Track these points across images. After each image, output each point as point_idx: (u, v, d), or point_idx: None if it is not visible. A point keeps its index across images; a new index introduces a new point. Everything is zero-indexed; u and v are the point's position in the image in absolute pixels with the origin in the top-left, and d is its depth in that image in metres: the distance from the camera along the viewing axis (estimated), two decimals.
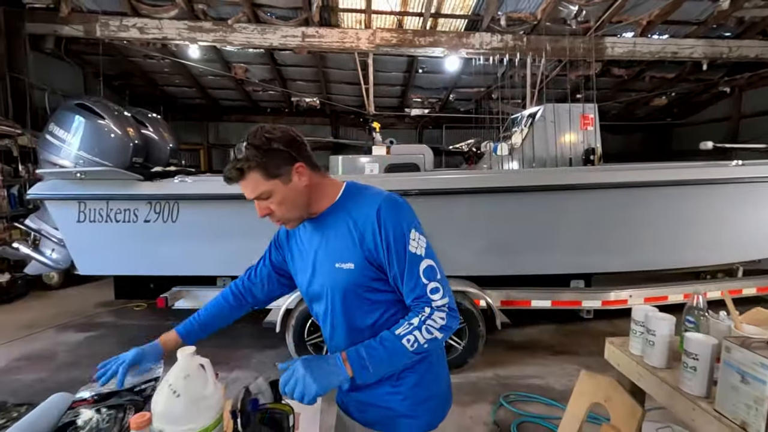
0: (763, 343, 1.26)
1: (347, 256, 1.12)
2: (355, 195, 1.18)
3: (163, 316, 4.77)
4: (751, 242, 3.99)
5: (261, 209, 1.13)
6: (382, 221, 1.09)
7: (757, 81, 8.76)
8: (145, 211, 3.38)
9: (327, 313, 1.20)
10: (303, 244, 1.25)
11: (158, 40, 6.90)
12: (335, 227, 1.15)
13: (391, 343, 1.06)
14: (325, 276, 1.16)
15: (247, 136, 1.10)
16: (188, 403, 0.96)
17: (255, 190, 1.09)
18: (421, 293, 1.09)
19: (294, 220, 1.17)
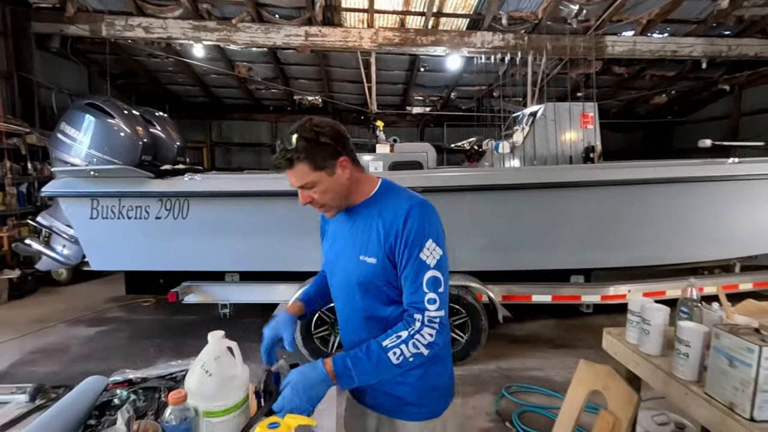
0: (750, 329, 1.35)
1: (371, 251, 1.18)
2: (389, 194, 1.24)
3: (171, 312, 4.88)
4: (748, 238, 4.08)
5: (304, 197, 1.19)
6: (407, 224, 1.14)
7: (756, 79, 8.82)
8: (156, 208, 3.47)
9: (346, 299, 1.27)
10: (335, 230, 1.32)
11: (163, 39, 6.98)
12: (365, 222, 1.21)
13: (376, 356, 1.10)
14: (350, 265, 1.23)
15: (297, 127, 1.14)
16: (219, 382, 1.05)
17: (301, 179, 1.15)
18: (418, 300, 1.13)
19: (333, 208, 1.23)
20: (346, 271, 1.25)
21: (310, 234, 3.57)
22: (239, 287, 3.90)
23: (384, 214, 1.18)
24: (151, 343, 4.09)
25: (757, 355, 1.22)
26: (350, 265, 1.23)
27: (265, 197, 3.55)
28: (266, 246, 3.65)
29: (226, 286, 3.91)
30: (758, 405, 1.22)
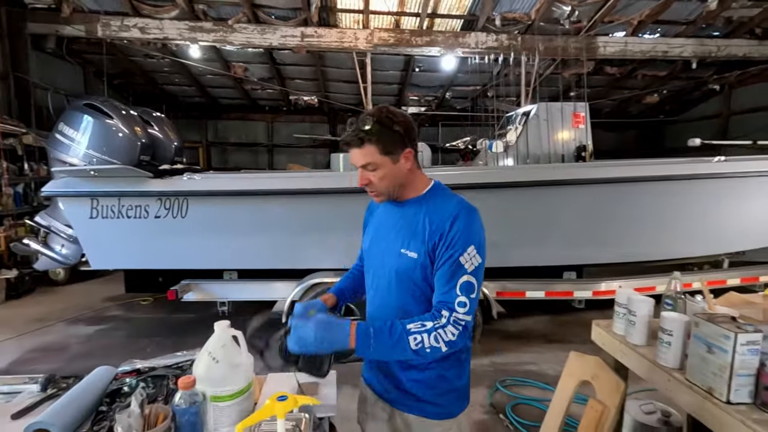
0: (727, 318, 1.43)
1: (414, 245, 1.22)
2: (439, 196, 1.28)
3: (170, 310, 4.92)
4: (735, 235, 4.18)
5: (363, 178, 1.24)
6: (454, 226, 1.18)
7: (745, 79, 8.97)
8: (156, 207, 3.52)
9: (381, 288, 1.32)
10: (379, 220, 1.38)
11: (159, 40, 7.00)
12: (412, 218, 1.25)
13: (398, 335, 1.12)
14: (389, 256, 1.27)
15: (375, 111, 1.20)
16: (226, 368, 1.11)
17: (366, 159, 1.20)
18: (449, 300, 1.15)
19: (386, 195, 1.27)
20: (384, 261, 1.30)
21: (307, 232, 3.67)
22: (237, 285, 3.95)
23: (432, 214, 1.23)
24: (150, 341, 4.13)
25: (733, 342, 1.29)
26: (390, 256, 1.27)
27: (263, 196, 3.61)
28: (264, 244, 3.70)
29: (225, 284, 3.97)
30: (734, 389, 1.30)
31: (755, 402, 1.29)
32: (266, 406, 0.85)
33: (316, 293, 3.66)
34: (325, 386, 1.34)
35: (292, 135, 12.08)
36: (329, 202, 3.63)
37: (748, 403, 1.29)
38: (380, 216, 1.38)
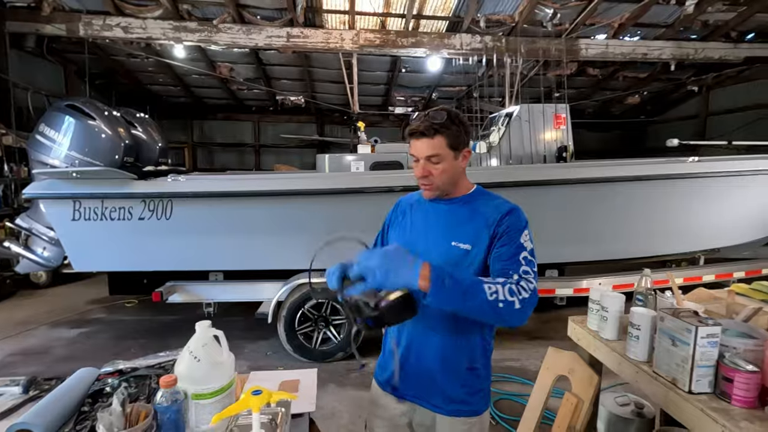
0: (689, 312, 1.51)
1: (466, 238, 1.29)
2: (486, 196, 1.39)
3: (155, 312, 4.89)
4: (710, 233, 4.32)
5: (424, 169, 1.28)
6: (510, 217, 1.28)
7: (722, 81, 9.22)
8: (140, 209, 3.51)
9: None
10: (419, 217, 1.41)
11: (143, 39, 6.93)
12: (463, 215, 1.33)
13: (474, 282, 1.13)
14: (436, 248, 1.31)
15: (444, 107, 1.30)
16: (207, 367, 1.14)
17: (433, 150, 1.25)
18: (514, 267, 1.21)
19: (440, 190, 1.32)
20: (428, 253, 1.27)
21: (293, 233, 3.69)
22: (223, 286, 3.96)
23: (484, 211, 1.31)
24: (135, 343, 4.11)
25: (694, 335, 1.36)
26: (437, 249, 1.31)
27: (248, 197, 3.62)
28: (250, 245, 3.71)
29: (210, 285, 3.97)
30: (695, 379, 1.37)
31: (715, 392, 1.36)
32: (241, 400, 0.88)
33: (303, 294, 3.69)
34: (306, 383, 1.38)
35: (279, 135, 12.04)
36: (315, 203, 3.66)
37: (708, 393, 1.36)
38: (421, 214, 1.42)
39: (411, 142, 1.30)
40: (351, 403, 3.03)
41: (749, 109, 8.95)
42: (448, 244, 1.30)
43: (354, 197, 3.62)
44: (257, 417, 0.83)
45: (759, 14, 6.97)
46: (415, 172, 1.32)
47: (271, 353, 3.93)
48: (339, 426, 2.85)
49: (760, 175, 4.09)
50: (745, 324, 1.58)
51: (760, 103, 8.73)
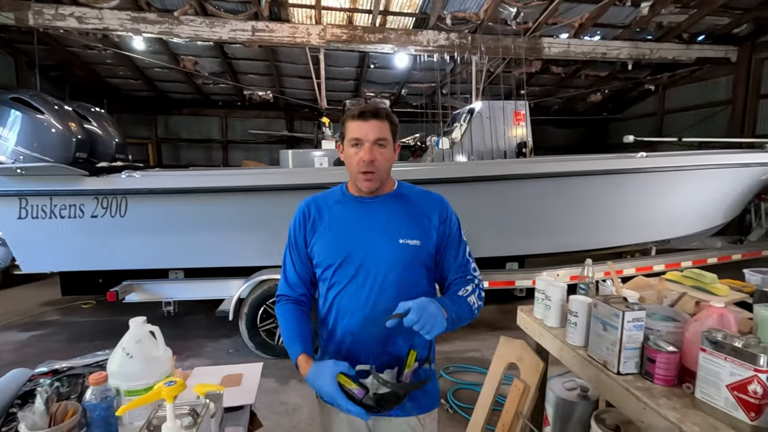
0: (619, 299, 1.60)
1: (413, 234, 1.28)
2: (411, 188, 1.40)
3: (113, 312, 4.74)
4: (660, 224, 4.54)
5: (371, 153, 1.23)
6: (448, 211, 1.36)
7: (676, 80, 9.67)
8: (92, 207, 3.39)
9: (376, 283, 1.27)
10: (347, 218, 1.32)
11: (99, 30, 6.64)
12: (399, 210, 1.32)
13: (461, 302, 1.25)
14: (388, 250, 1.27)
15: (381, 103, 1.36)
16: (140, 363, 1.14)
17: (381, 133, 1.24)
18: (467, 265, 1.36)
19: (378, 180, 1.27)
20: (376, 256, 1.27)
21: (254, 229, 3.65)
22: (183, 284, 3.88)
23: (420, 203, 1.35)
24: (91, 345, 3.94)
25: (621, 319, 1.45)
26: (387, 249, 1.27)
27: (208, 194, 3.56)
28: (210, 242, 3.66)
29: (170, 284, 3.88)
30: (623, 361, 1.45)
31: (640, 372, 1.45)
32: (153, 391, 0.88)
33: (264, 290, 3.66)
34: (249, 377, 1.38)
35: (248, 131, 11.83)
36: (277, 199, 3.63)
37: (634, 374, 1.45)
38: (349, 214, 1.33)
39: (355, 125, 1.24)
40: (312, 398, 3.04)
41: (701, 108, 9.43)
42: (395, 243, 1.27)
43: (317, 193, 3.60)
44: (171, 407, 0.84)
45: (708, 17, 7.34)
46: (361, 156, 1.23)
47: (234, 351, 3.89)
48: (300, 420, 2.87)
49: (703, 170, 4.33)
50: (670, 308, 1.69)
51: (711, 101, 9.20)
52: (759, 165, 4.61)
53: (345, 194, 1.37)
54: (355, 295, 1.28)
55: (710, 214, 4.79)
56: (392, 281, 1.27)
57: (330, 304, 1.32)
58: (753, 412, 1.08)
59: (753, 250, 5.22)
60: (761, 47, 7.86)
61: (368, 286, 1.28)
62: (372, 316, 1.26)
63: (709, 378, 1.18)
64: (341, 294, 1.30)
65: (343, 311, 1.30)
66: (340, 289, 1.30)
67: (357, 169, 1.25)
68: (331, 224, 1.33)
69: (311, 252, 1.35)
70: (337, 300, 1.31)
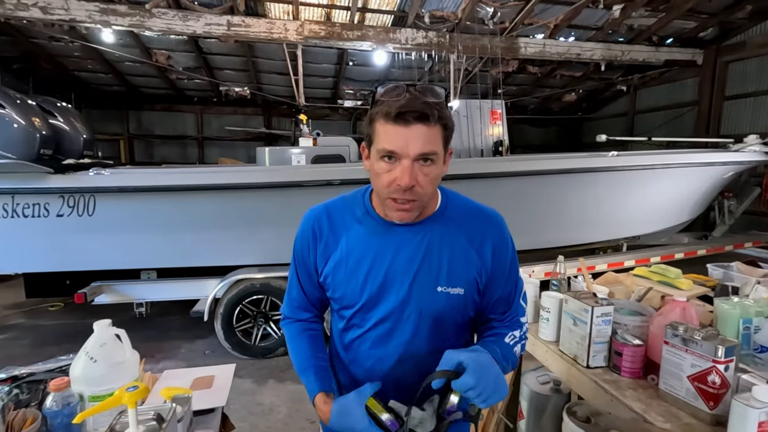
0: (589, 294, 1.63)
1: (456, 279, 0.98)
2: (459, 204, 1.05)
3: (82, 315, 4.58)
4: (630, 221, 4.69)
5: (411, 175, 0.86)
6: (504, 237, 1.02)
7: (647, 81, 9.98)
8: (58, 206, 3.27)
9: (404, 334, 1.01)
10: (366, 248, 1.00)
11: (65, 22, 6.37)
12: (441, 239, 0.99)
13: (510, 352, 1.01)
14: (420, 297, 0.98)
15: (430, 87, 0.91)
16: (105, 367, 1.10)
17: (430, 145, 0.86)
18: (519, 311, 1.08)
19: (419, 209, 0.94)
20: (406, 304, 0.99)
21: (230, 228, 3.59)
22: (156, 285, 3.79)
23: (472, 229, 1.01)
24: (59, 349, 3.79)
25: (590, 314, 1.48)
26: (421, 297, 0.98)
27: (182, 192, 3.47)
28: (183, 241, 3.58)
29: (143, 285, 3.78)
30: (592, 355, 1.49)
31: (608, 365, 1.49)
32: (113, 396, 0.86)
33: (241, 290, 3.60)
34: (221, 379, 1.36)
35: (224, 127, 11.59)
36: (253, 197, 3.57)
37: (603, 367, 1.49)
38: (367, 243, 1.01)
39: (390, 130, 0.86)
40: (289, 397, 3.02)
41: (669, 108, 9.76)
42: (433, 290, 0.98)
43: (294, 191, 3.58)
44: (133, 413, 0.81)
45: (676, 21, 7.59)
46: (396, 178, 0.87)
47: (210, 352, 3.81)
48: (277, 420, 2.84)
49: (672, 169, 4.49)
50: (637, 303, 1.74)
51: (678, 102, 9.54)
52: (723, 164, 4.81)
53: (369, 213, 1.02)
54: (378, 344, 1.04)
55: (678, 210, 4.97)
56: (426, 334, 1.02)
57: (346, 344, 1.09)
58: (712, 402, 1.12)
59: (717, 245, 5.45)
60: (726, 51, 8.18)
61: (396, 339, 1.02)
62: (399, 366, 1.04)
63: (672, 370, 1.22)
64: (361, 339, 1.05)
65: (364, 356, 1.06)
66: (360, 334, 1.05)
67: (387, 193, 0.91)
68: (349, 253, 1.01)
69: (324, 283, 1.06)
70: (356, 344, 1.07)
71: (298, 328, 1.12)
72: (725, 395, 1.10)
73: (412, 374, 1.03)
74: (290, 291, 1.14)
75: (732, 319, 1.41)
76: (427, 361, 1.00)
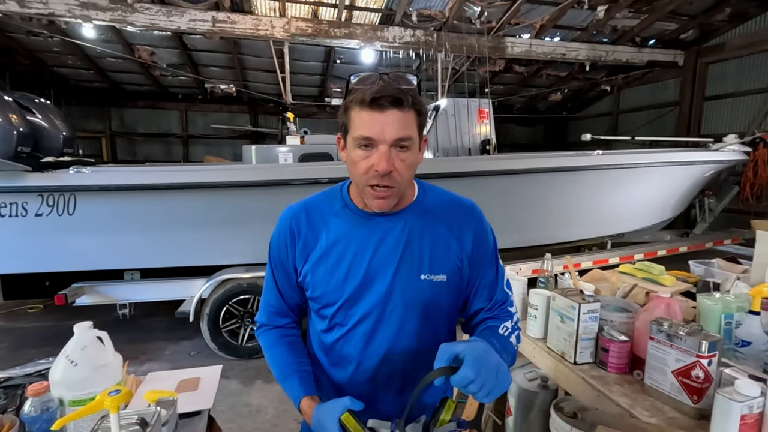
0: (576, 292, 1.65)
1: (439, 267, 0.97)
2: (436, 194, 1.05)
3: (63, 316, 4.47)
4: (614, 219, 4.77)
5: (389, 161, 0.87)
6: (483, 226, 1.03)
7: (630, 81, 10.16)
8: (36, 205, 3.17)
9: (389, 328, 0.99)
10: (347, 241, 0.99)
11: (43, 16, 6.20)
12: (421, 229, 0.99)
13: (507, 342, 0.97)
14: (405, 287, 0.97)
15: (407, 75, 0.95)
16: (86, 371, 1.07)
17: (405, 130, 0.87)
18: (505, 299, 1.07)
19: (397, 196, 0.95)
20: (392, 294, 0.98)
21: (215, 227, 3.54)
22: (139, 285, 3.71)
23: (451, 218, 1.01)
24: (38, 352, 3.72)
25: (578, 311, 1.50)
26: (405, 288, 0.97)
27: (166, 190, 3.41)
28: (169, 241, 3.51)
29: (126, 285, 3.70)
30: (579, 351, 1.51)
31: (595, 361, 1.51)
32: (95, 401, 0.83)
33: (227, 289, 3.55)
34: (208, 381, 1.33)
35: (209, 125, 11.43)
36: (240, 195, 3.53)
37: (590, 363, 1.51)
38: (347, 236, 0.99)
39: (365, 117, 0.87)
40: (276, 398, 3.00)
41: (651, 108, 9.95)
42: (417, 279, 0.97)
43: (281, 189, 3.54)
44: (115, 418, 0.79)
45: (658, 22, 7.74)
46: (373, 164, 0.88)
47: (195, 353, 3.76)
48: (265, 421, 2.81)
49: (654, 167, 4.57)
50: (623, 300, 1.77)
51: (660, 102, 9.73)
52: (704, 163, 4.92)
53: (348, 206, 1.02)
54: (363, 342, 1.01)
55: (661, 208, 5.07)
56: (412, 326, 1.00)
57: (328, 346, 1.05)
58: (695, 396, 1.14)
59: (698, 242, 5.58)
60: (706, 52, 8.37)
61: (381, 334, 1.00)
62: (384, 365, 1.01)
63: (657, 365, 1.24)
64: (344, 339, 1.02)
65: (347, 359, 1.03)
66: (343, 333, 1.02)
67: (366, 180, 0.91)
68: (329, 249, 0.99)
69: (303, 282, 1.04)
70: (339, 345, 1.03)
71: (276, 335, 1.09)
72: (708, 389, 1.12)
73: (400, 375, 1.01)
74: (266, 297, 1.10)
75: (714, 315, 1.44)
76: (414, 360, 0.99)
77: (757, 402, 0.96)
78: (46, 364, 1.31)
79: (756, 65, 7.63)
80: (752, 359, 1.31)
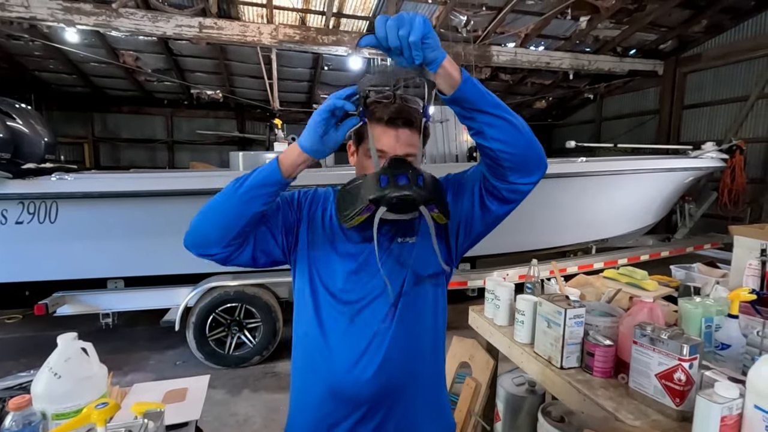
0: (562, 297, 1.68)
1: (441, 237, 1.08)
2: None
3: (43, 326, 4.35)
4: (599, 225, 4.85)
5: None
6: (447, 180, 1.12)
7: (612, 90, 10.40)
8: (16, 212, 3.10)
9: (378, 324, 1.05)
10: (346, 238, 1.08)
11: (24, 20, 6.09)
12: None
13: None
14: (417, 259, 1.08)
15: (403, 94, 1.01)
16: (70, 383, 1.05)
17: (412, 147, 0.99)
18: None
19: None
20: (406, 267, 1.08)
21: None
22: (124, 294, 3.64)
23: None
24: (17, 364, 3.62)
25: (564, 316, 1.52)
26: (418, 258, 1.08)
27: (149, 197, 3.36)
28: (154, 249, 3.45)
29: (109, 294, 3.63)
30: (565, 356, 1.53)
31: (581, 366, 1.53)
32: (81, 415, 0.82)
33: (214, 297, 3.51)
34: (195, 391, 1.32)
35: (195, 131, 11.32)
36: None
37: (576, 367, 1.53)
38: (347, 234, 1.08)
39: (381, 132, 0.98)
40: (264, 407, 2.96)
41: (632, 116, 10.19)
42: (430, 247, 1.05)
43: None
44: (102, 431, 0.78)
45: (638, 33, 7.96)
46: None
47: (181, 363, 3.69)
48: (252, 431, 2.77)
49: (637, 174, 4.68)
50: (607, 304, 1.80)
51: (641, 110, 9.98)
52: (684, 169, 5.06)
53: None
54: (351, 341, 1.03)
55: (643, 214, 5.19)
56: (429, 296, 1.13)
57: (310, 357, 1.06)
58: (678, 398, 1.17)
59: (678, 247, 5.71)
60: (684, 62, 8.63)
61: (372, 328, 1.04)
62: (381, 369, 1.02)
63: (641, 368, 1.27)
64: (330, 338, 1.04)
65: (328, 363, 1.03)
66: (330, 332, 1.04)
67: None
68: (332, 238, 1.08)
69: (296, 258, 1.08)
70: (323, 350, 1.04)
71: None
72: (690, 392, 1.15)
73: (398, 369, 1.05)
74: None
75: (695, 318, 1.48)
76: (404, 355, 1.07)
77: (736, 403, 0.99)
78: (28, 376, 1.28)
79: (731, 75, 7.89)
80: (731, 361, 1.35)
